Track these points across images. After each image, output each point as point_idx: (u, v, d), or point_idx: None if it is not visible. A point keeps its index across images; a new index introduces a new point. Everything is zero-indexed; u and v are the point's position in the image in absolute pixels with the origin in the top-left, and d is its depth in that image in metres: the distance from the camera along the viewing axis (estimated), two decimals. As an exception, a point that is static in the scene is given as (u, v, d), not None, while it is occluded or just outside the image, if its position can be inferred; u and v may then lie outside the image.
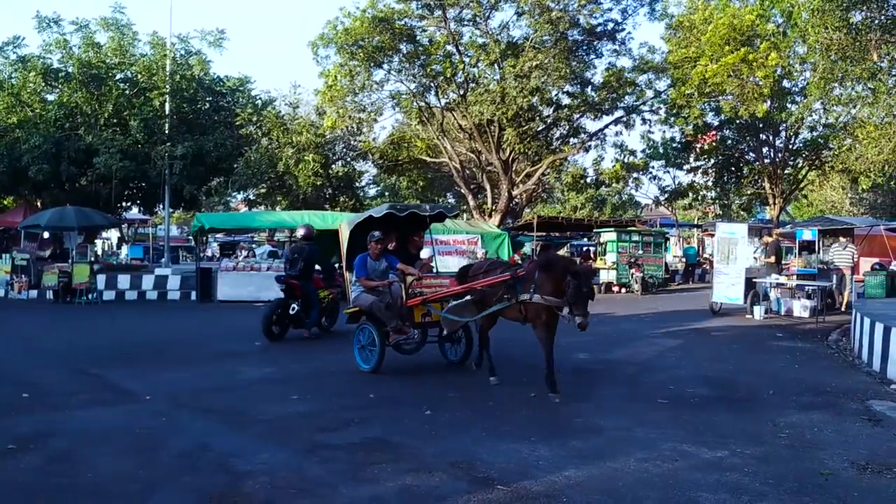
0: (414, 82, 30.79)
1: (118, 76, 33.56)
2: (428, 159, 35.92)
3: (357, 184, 40.81)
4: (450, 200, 47.12)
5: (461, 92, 30.13)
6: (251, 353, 13.16)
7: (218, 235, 48.14)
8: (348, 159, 38.65)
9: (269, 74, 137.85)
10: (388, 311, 10.50)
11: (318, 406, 8.86)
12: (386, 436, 7.48)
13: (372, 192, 47.04)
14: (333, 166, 36.75)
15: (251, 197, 40.61)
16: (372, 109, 31.75)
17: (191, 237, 39.54)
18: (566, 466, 6.45)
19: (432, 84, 30.59)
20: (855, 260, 22.05)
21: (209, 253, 49.52)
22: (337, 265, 16.53)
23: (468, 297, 10.31)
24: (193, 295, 24.34)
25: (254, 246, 45.60)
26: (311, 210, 29.36)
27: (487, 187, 33.94)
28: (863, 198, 45.83)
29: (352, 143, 37.36)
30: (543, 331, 9.26)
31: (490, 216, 32.13)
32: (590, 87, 31.56)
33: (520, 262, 10.54)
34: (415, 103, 31.38)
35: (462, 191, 34.44)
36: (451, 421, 8.16)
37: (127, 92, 32.91)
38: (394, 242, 11.90)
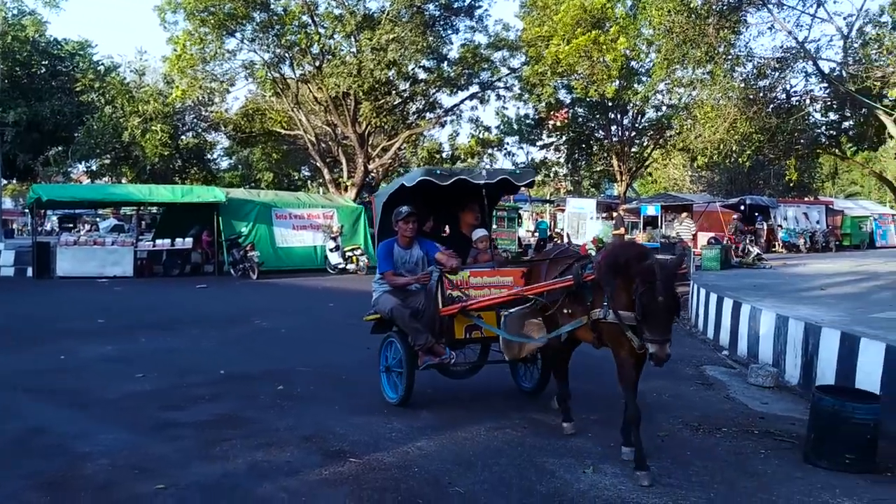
0: (268, 52, 30.00)
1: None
2: (283, 132, 35.21)
3: (208, 156, 39.51)
4: (305, 174, 46.41)
5: (317, 64, 29.62)
6: (93, 331, 12.49)
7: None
8: (199, 130, 37.39)
9: (112, 39, 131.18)
10: (415, 321, 7.23)
11: (165, 384, 8.52)
12: (237, 412, 7.31)
13: (224, 164, 45.71)
14: (183, 137, 35.48)
15: (94, 168, 38.58)
16: (224, 79, 30.86)
17: (27, 210, 37.24)
18: (419, 437, 6.49)
19: (287, 55, 29.93)
20: (693, 234, 23.31)
21: (48, 227, 46.78)
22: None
23: (531, 303, 6.94)
24: (30, 271, 22.89)
25: (97, 219, 43.42)
26: (159, 183, 28.22)
27: (343, 161, 33.63)
28: (702, 176, 48.40)
29: (203, 113, 36.14)
30: (628, 367, 5.88)
31: (346, 190, 31.87)
32: (446, 63, 31.79)
33: (593, 251, 6.94)
34: (269, 74, 30.60)
35: (318, 164, 33.96)
36: (304, 395, 8.05)
37: (-49, 53, 30.51)
38: (430, 222, 8.49)
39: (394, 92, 31.24)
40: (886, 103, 18.23)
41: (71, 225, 39.57)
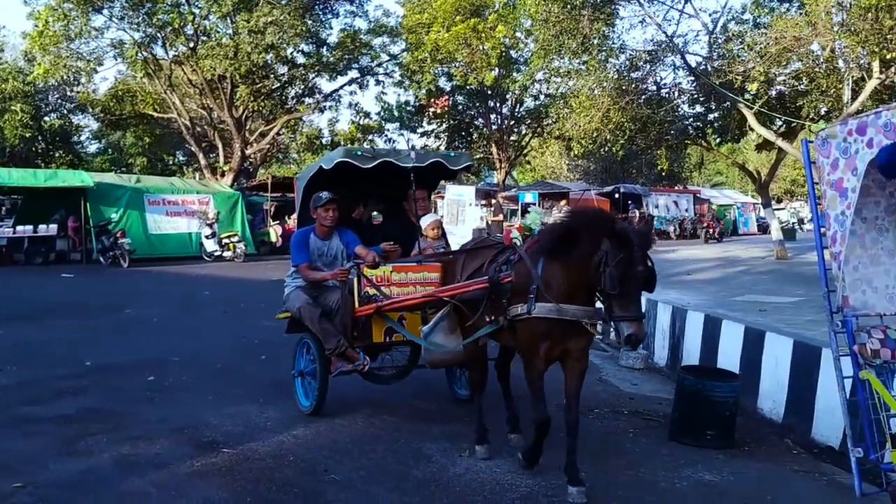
0: (138, 31, 28.70)
1: None
2: (155, 114, 33.86)
3: (75, 138, 37.68)
4: (180, 159, 44.93)
5: (191, 45, 28.64)
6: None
7: None
8: (64, 111, 35.54)
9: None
10: (326, 322, 6.51)
11: (26, 377, 8.05)
12: (103, 405, 7.00)
13: (93, 147, 43.72)
14: (46, 118, 33.67)
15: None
16: (91, 58, 29.32)
17: None
18: (295, 426, 6.40)
19: (159, 35, 28.77)
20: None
21: None
22: None
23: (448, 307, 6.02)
24: None
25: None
26: (21, 166, 26.68)
27: (220, 146, 32.68)
28: (578, 164, 49.62)
29: (68, 93, 34.37)
30: (538, 363, 5.17)
31: (222, 176, 31.04)
32: (325, 47, 31.39)
33: (518, 241, 5.71)
34: (139, 54, 29.28)
35: (193, 149, 32.91)
36: (176, 386, 7.79)
37: None
38: (360, 209, 7.76)
39: (272, 76, 30.60)
40: (747, 97, 19.15)
41: None
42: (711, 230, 34.47)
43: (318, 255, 6.78)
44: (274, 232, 27.44)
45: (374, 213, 8.03)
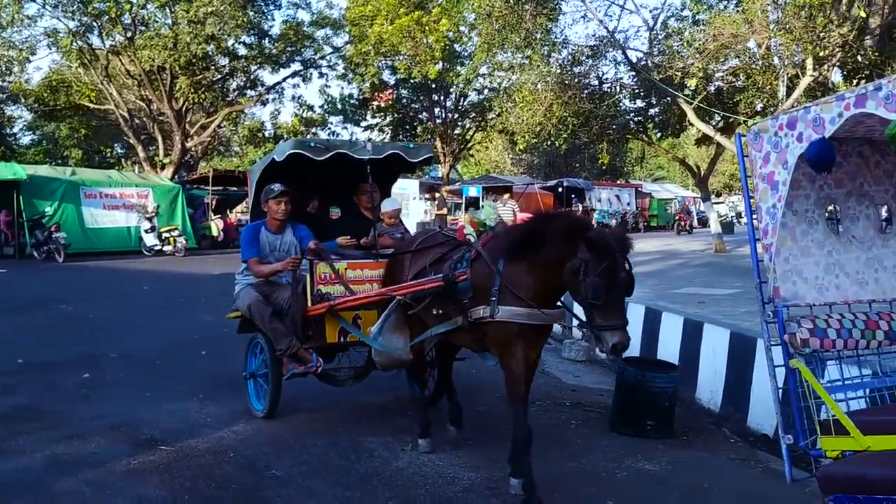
0: (73, 20, 27.95)
1: None
2: (92, 106, 33.02)
3: (7, 130, 36.58)
4: (118, 151, 43.97)
5: (128, 35, 27.99)
6: None
7: None
8: (-5, 102, 34.51)
9: None
10: (277, 321, 6.24)
11: (-47, 376, 7.83)
12: (36, 403, 6.83)
13: (26, 139, 42.54)
14: (-23, 109, 32.63)
15: None
16: (23, 47, 28.49)
17: None
18: (235, 422, 6.33)
19: (95, 24, 28.03)
20: (515, 215, 23.98)
21: None
22: None
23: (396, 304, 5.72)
24: None
25: None
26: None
27: (159, 138, 32.02)
28: (522, 158, 49.91)
29: (0, 83, 33.33)
30: (518, 368, 4.89)
31: (162, 169, 30.45)
32: (268, 39, 31.02)
33: (472, 236, 5.60)
34: (75, 44, 28.51)
35: (131, 141, 32.22)
36: (113, 383, 7.63)
37: None
38: (315, 202, 7.53)
39: (213, 67, 30.10)
40: (687, 93, 19.43)
41: None
42: (683, 223, 35.10)
43: (271, 250, 6.49)
44: (215, 226, 27.09)
45: (333, 207, 7.61)
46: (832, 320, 3.56)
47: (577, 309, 4.56)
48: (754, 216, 3.60)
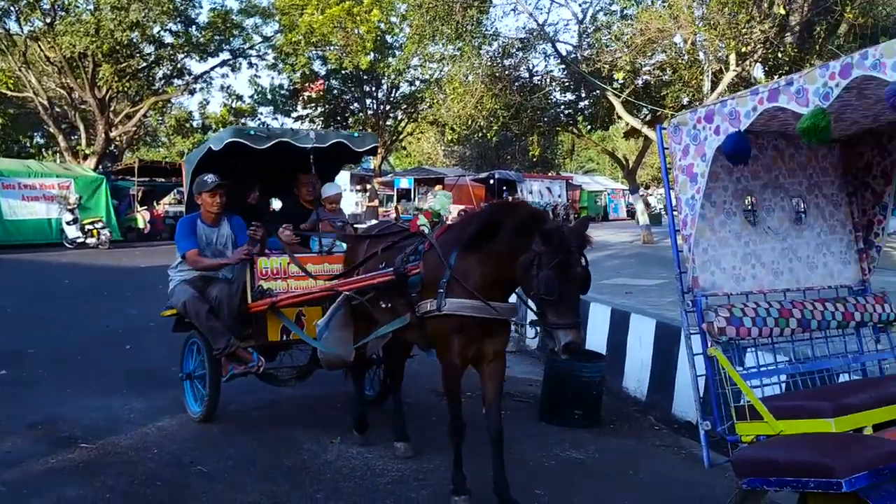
0: (-11, 4, 26.98)
1: None
2: (9, 93, 31.84)
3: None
4: (38, 140, 42.54)
5: (48, 20, 27.11)
6: None
7: None
8: None
9: None
10: (214, 319, 5.88)
11: None
12: (-54, 403, 6.58)
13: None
14: None
15: None
16: (-66, 32, 27.34)
17: None
18: (160, 417, 6.21)
19: (12, 8, 27.06)
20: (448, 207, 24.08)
21: None
22: None
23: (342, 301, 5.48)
24: None
25: None
26: None
27: (81, 127, 31.06)
28: (454, 150, 50.02)
29: None
30: (453, 361, 4.72)
31: (85, 159, 29.59)
32: (195, 27, 30.38)
33: (426, 227, 5.48)
34: (-9, 29, 27.55)
35: (52, 130, 31.21)
36: (31, 380, 7.39)
37: None
38: (255, 193, 7.25)
39: (137, 55, 29.35)
40: (615, 86, 19.76)
41: None
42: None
43: (207, 244, 6.12)
44: (142, 217, 26.51)
45: (273, 198, 7.47)
46: (748, 309, 3.66)
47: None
48: (675, 208, 3.68)
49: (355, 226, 7.38)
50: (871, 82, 2.80)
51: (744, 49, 16.57)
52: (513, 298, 4.89)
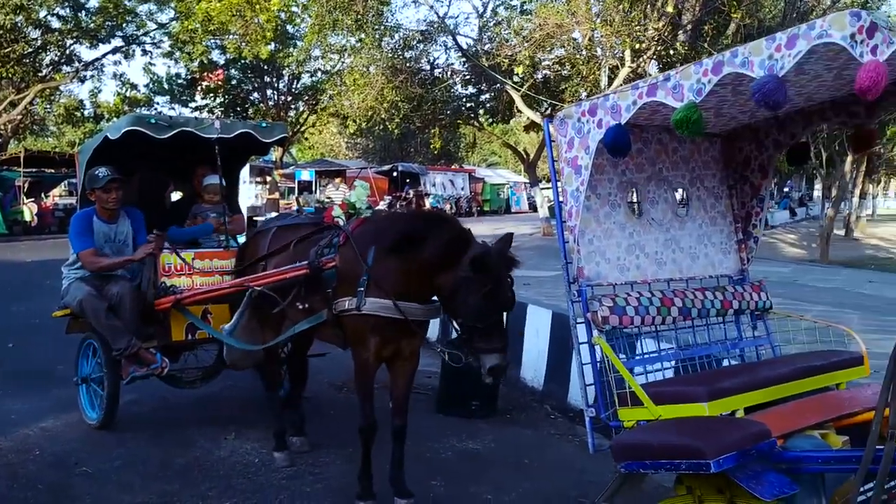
0: None
1: None
2: None
3: None
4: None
5: (-76, 2, 25.64)
6: None
7: None
8: None
9: None
10: (114, 318, 5.49)
11: None
12: None
13: None
14: None
15: None
16: None
17: None
18: (44, 418, 6.00)
19: None
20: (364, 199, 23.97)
21: None
22: None
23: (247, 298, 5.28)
24: None
25: None
26: None
27: (-38, 115, 29.61)
28: (357, 143, 49.71)
29: None
30: (368, 359, 4.63)
31: (-35, 149, 28.19)
32: (84, 12, 29.23)
33: (341, 219, 5.21)
34: None
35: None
36: None
37: None
38: (172, 186, 6.93)
39: (22, 40, 28.02)
40: (515, 80, 20.01)
41: None
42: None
43: (106, 241, 5.72)
44: (29, 210, 25.44)
45: (174, 191, 7.09)
46: (631, 298, 3.77)
47: None
48: (561, 199, 3.75)
49: (255, 219, 7.25)
50: (744, 79, 2.91)
51: (638, 46, 17.03)
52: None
